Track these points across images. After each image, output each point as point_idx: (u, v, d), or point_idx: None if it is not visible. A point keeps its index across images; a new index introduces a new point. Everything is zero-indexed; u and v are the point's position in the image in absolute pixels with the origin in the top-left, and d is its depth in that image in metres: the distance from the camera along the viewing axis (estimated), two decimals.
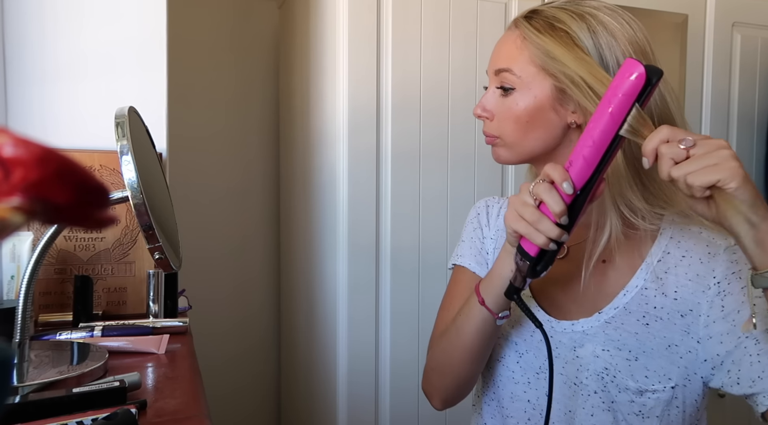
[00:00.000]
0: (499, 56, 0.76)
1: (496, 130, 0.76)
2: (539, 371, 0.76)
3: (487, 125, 0.77)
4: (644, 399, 0.69)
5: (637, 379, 0.69)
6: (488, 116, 0.77)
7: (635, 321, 0.71)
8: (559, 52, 0.69)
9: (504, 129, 0.75)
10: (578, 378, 0.73)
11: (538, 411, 0.76)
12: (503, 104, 0.74)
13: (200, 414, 0.63)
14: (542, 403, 0.76)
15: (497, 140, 0.76)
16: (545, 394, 0.75)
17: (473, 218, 0.90)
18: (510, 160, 0.77)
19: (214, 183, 1.97)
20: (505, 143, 0.76)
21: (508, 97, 0.74)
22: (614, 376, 0.70)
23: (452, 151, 1.52)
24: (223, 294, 1.99)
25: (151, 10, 1.18)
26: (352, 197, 1.44)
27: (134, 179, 0.67)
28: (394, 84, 1.45)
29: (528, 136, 0.73)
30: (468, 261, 0.86)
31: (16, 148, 0.24)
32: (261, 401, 2.08)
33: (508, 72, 0.73)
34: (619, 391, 0.70)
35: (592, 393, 0.72)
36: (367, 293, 1.46)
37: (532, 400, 0.77)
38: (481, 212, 0.89)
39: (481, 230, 0.87)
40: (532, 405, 0.77)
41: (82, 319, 0.95)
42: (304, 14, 1.67)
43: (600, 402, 0.71)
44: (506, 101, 0.74)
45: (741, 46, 1.82)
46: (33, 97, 1.12)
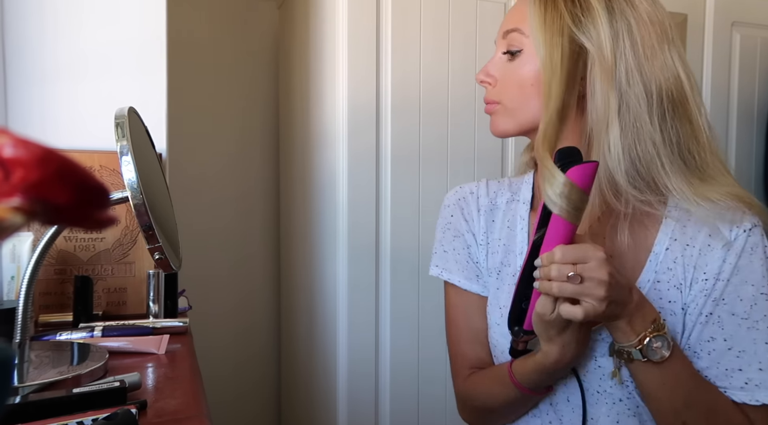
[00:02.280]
0: (509, 18, 0.74)
1: (497, 95, 0.74)
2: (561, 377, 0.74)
3: (489, 91, 0.76)
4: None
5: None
6: (491, 81, 0.75)
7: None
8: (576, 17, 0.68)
9: (506, 94, 0.73)
10: (601, 387, 0.71)
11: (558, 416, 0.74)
12: (508, 68, 0.73)
13: (200, 414, 0.63)
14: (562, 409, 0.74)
15: (497, 106, 0.74)
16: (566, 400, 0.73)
17: (448, 224, 0.84)
18: (508, 129, 0.75)
19: (213, 183, 1.97)
20: (506, 109, 0.74)
21: (513, 61, 0.72)
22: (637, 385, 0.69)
23: (452, 151, 1.52)
24: (222, 294, 1.99)
25: (151, 10, 1.18)
26: (351, 198, 1.44)
27: (134, 180, 0.67)
28: (393, 84, 1.45)
29: (530, 102, 0.71)
30: (457, 278, 0.82)
31: (16, 148, 0.25)
32: (262, 404, 2.08)
33: (516, 32, 0.72)
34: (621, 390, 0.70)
35: (617, 401, 0.70)
36: (367, 295, 1.46)
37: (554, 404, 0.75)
38: (455, 215, 0.83)
39: (462, 236, 0.82)
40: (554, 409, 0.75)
41: (82, 319, 0.95)
42: (304, 14, 1.68)
43: (626, 409, 0.70)
44: (511, 65, 0.73)
45: (740, 45, 1.82)
46: (33, 98, 1.12)
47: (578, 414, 0.72)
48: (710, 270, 0.68)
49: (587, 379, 0.72)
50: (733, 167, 1.82)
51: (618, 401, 0.70)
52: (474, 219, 0.83)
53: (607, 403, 0.71)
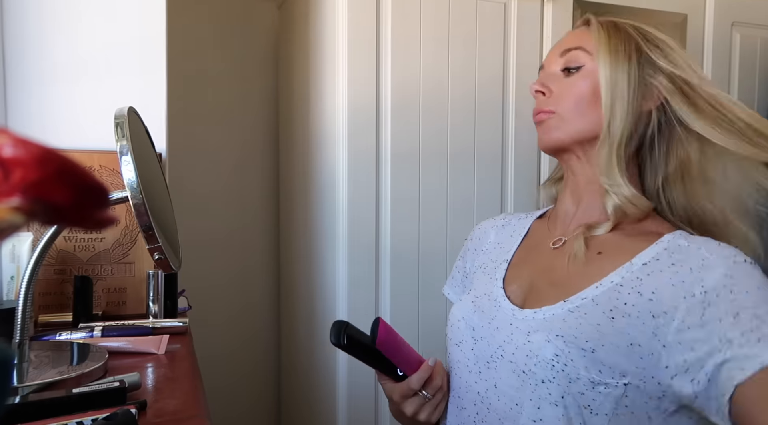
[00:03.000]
0: (570, 38, 0.78)
1: (552, 105, 0.76)
2: (490, 360, 0.73)
3: (542, 101, 0.77)
4: (594, 393, 0.65)
5: (590, 370, 0.65)
6: (545, 91, 0.77)
7: (600, 313, 0.67)
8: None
9: (561, 104, 0.76)
10: (527, 365, 0.68)
11: (485, 404, 0.73)
12: (565, 82, 0.76)
13: (200, 414, 0.63)
14: (490, 396, 0.73)
15: (552, 115, 0.76)
16: (494, 386, 0.72)
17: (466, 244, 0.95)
18: (559, 138, 0.76)
19: (213, 183, 1.97)
20: (560, 118, 0.76)
21: (570, 76, 0.75)
22: (565, 364, 0.66)
23: (452, 151, 1.52)
24: (223, 294, 1.99)
25: (151, 10, 1.18)
26: (351, 198, 1.44)
27: (134, 180, 0.67)
28: (393, 84, 1.45)
29: (585, 117, 0.74)
30: (447, 290, 0.95)
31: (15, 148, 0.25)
32: (262, 404, 2.08)
33: (579, 50, 0.75)
34: (569, 381, 0.65)
35: (540, 383, 0.67)
36: (366, 294, 1.46)
37: (481, 392, 0.74)
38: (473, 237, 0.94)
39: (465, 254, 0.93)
40: (481, 398, 0.74)
41: (81, 319, 0.95)
42: (304, 15, 1.68)
43: (547, 394, 0.67)
44: (568, 81, 0.75)
45: (740, 45, 1.82)
46: (33, 98, 1.12)
47: (503, 403, 0.71)
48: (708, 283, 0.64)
49: (515, 357, 0.70)
50: None
51: (541, 382, 0.67)
52: (484, 236, 0.92)
53: (531, 384, 0.68)
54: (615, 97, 0.73)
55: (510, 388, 0.71)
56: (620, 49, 0.74)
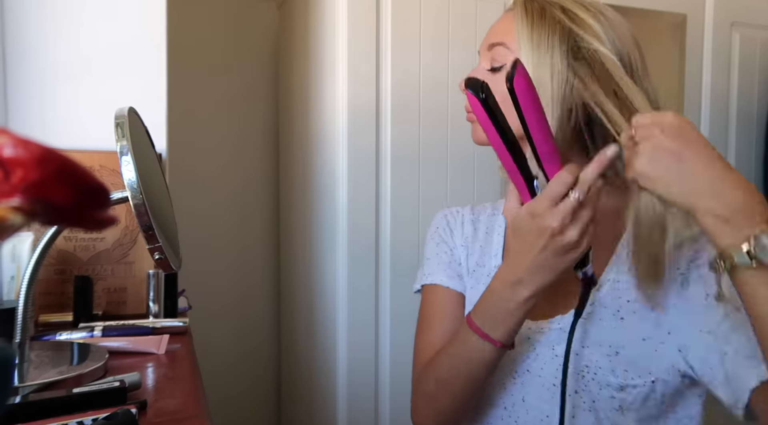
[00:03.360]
0: (494, 31, 0.75)
1: None
2: (516, 375, 0.73)
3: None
4: (624, 395, 0.67)
5: (617, 374, 0.67)
6: None
7: (611, 316, 0.69)
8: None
9: None
10: (557, 378, 0.69)
11: (513, 419, 0.73)
12: (492, 80, 0.72)
13: (200, 414, 0.63)
14: (517, 410, 0.73)
15: None
16: (522, 400, 0.72)
17: (432, 235, 0.86)
18: (485, 139, 0.72)
19: (213, 183, 1.97)
20: None
21: (496, 74, 0.72)
22: (595, 373, 0.68)
23: (452, 152, 1.52)
24: (222, 294, 1.99)
25: (151, 10, 1.18)
26: (351, 198, 1.44)
27: (134, 180, 0.67)
28: (393, 84, 1.45)
29: (510, 115, 0.71)
30: (439, 277, 0.82)
31: (16, 148, 0.25)
32: (262, 404, 2.08)
33: (501, 46, 0.72)
34: (600, 388, 0.68)
35: (573, 394, 0.69)
36: (366, 294, 1.46)
37: (508, 407, 0.74)
38: (440, 226, 0.86)
39: (445, 243, 0.84)
40: (508, 413, 0.74)
41: (82, 319, 0.95)
42: (304, 15, 1.68)
43: (581, 402, 0.69)
44: (494, 78, 0.72)
45: (740, 45, 1.82)
46: (33, 98, 1.12)
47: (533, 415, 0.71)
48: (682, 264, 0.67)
49: (544, 372, 0.71)
50: None
51: (573, 393, 0.69)
52: (458, 228, 0.85)
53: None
54: (540, 97, 0.67)
55: (540, 401, 0.71)
56: (543, 40, 0.68)
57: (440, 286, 0.82)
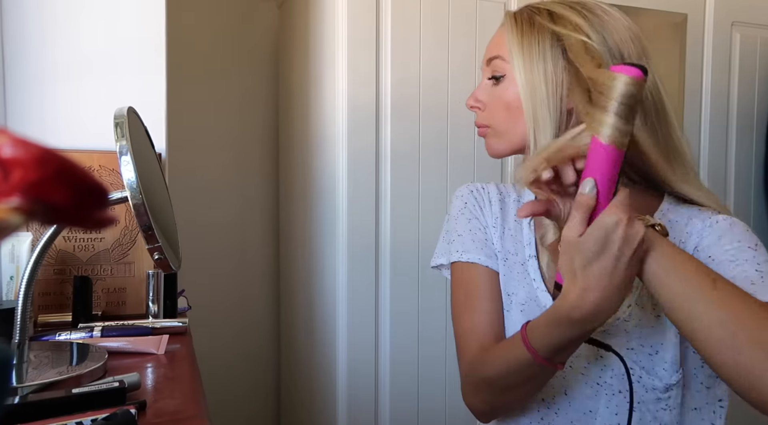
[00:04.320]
0: (491, 45, 0.77)
1: (486, 119, 0.77)
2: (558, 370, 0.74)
3: (479, 115, 0.78)
4: (669, 394, 0.69)
5: (661, 376, 0.69)
6: (480, 106, 0.78)
7: (649, 315, 0.71)
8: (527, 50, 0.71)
9: (494, 118, 0.76)
10: (602, 378, 0.71)
11: (553, 410, 0.74)
12: (493, 93, 0.76)
13: (200, 414, 0.63)
14: (558, 402, 0.74)
15: (488, 129, 0.77)
16: (564, 393, 0.74)
17: (462, 209, 0.84)
18: (502, 150, 0.77)
19: (213, 183, 1.97)
20: (496, 132, 0.76)
21: (498, 85, 0.75)
22: (640, 376, 0.69)
23: (452, 151, 1.52)
24: (222, 294, 1.99)
25: (151, 10, 1.18)
26: (351, 197, 1.43)
27: (133, 180, 0.67)
28: (393, 84, 1.45)
29: (518, 123, 0.73)
30: (477, 256, 0.79)
31: (15, 148, 0.24)
32: (261, 405, 2.08)
33: (498, 58, 0.75)
34: (645, 391, 0.70)
35: (617, 393, 0.71)
36: (366, 294, 1.46)
37: (547, 399, 0.75)
38: (469, 201, 0.84)
39: (477, 219, 0.82)
40: (547, 404, 0.75)
41: (81, 320, 0.95)
42: (304, 14, 1.67)
43: (625, 402, 0.70)
44: (496, 90, 0.75)
45: (740, 45, 1.82)
46: (32, 98, 1.12)
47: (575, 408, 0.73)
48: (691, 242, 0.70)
49: (587, 371, 0.72)
50: (733, 168, 1.83)
51: (617, 392, 0.71)
52: (486, 206, 0.83)
53: (606, 394, 0.71)
54: (536, 105, 0.70)
55: (583, 396, 0.73)
56: (534, 48, 0.70)
57: (479, 265, 0.79)
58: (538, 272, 0.77)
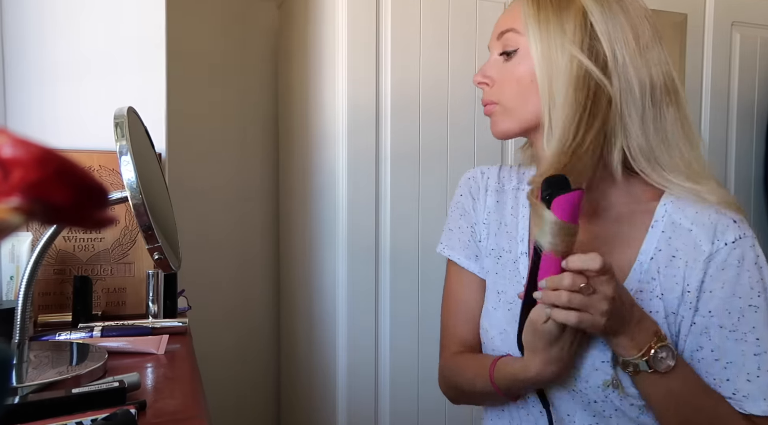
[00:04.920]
0: (503, 20, 0.74)
1: (494, 95, 0.74)
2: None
3: (486, 92, 0.75)
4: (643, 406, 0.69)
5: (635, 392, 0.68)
6: (488, 81, 0.74)
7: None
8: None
9: (504, 93, 0.73)
10: (577, 387, 0.71)
11: (537, 409, 0.75)
12: (504, 68, 0.72)
13: (199, 414, 0.63)
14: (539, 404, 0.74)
15: (496, 106, 0.74)
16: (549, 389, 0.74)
17: (457, 202, 0.86)
18: (509, 128, 0.74)
19: (213, 183, 1.97)
20: (505, 109, 0.73)
21: (509, 61, 0.72)
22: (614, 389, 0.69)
23: (451, 151, 1.52)
24: (222, 294, 1.99)
25: (150, 10, 1.18)
26: (351, 198, 1.43)
27: (133, 180, 0.67)
28: (393, 84, 1.45)
29: (529, 100, 0.70)
30: (457, 256, 0.83)
31: (15, 148, 0.24)
32: (261, 405, 2.07)
33: (512, 31, 0.71)
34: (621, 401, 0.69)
35: (592, 402, 0.70)
36: (366, 295, 1.46)
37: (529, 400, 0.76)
38: (464, 193, 0.85)
39: (467, 215, 0.84)
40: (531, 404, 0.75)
41: (81, 320, 0.95)
42: (304, 14, 1.67)
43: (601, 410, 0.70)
44: (508, 65, 0.72)
45: (740, 45, 1.82)
46: (32, 98, 1.12)
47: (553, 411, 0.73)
48: (693, 283, 0.68)
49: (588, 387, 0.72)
50: (733, 168, 1.83)
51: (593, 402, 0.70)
52: (480, 198, 0.84)
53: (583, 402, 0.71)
54: (552, 79, 0.67)
55: (559, 401, 0.73)
56: (551, 21, 0.68)
57: (460, 266, 0.84)
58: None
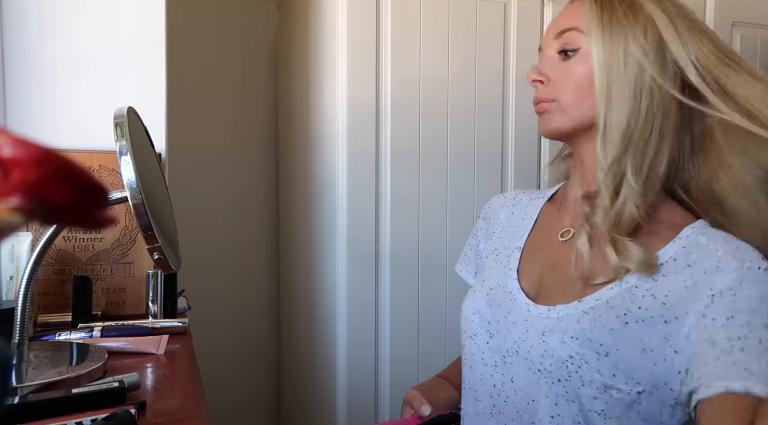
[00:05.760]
0: (563, 19, 0.73)
1: (551, 93, 0.72)
2: (506, 354, 0.73)
3: (540, 89, 0.74)
4: (607, 396, 0.65)
5: (603, 374, 0.64)
6: (543, 79, 0.73)
7: (614, 317, 0.66)
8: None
9: (562, 91, 0.71)
10: (542, 365, 0.68)
11: (502, 398, 0.73)
12: (562, 67, 0.71)
13: (199, 414, 0.63)
14: (506, 390, 0.73)
15: (551, 104, 0.72)
16: (510, 380, 0.73)
17: (479, 219, 0.93)
18: (561, 126, 0.72)
19: (213, 183, 1.97)
20: (561, 107, 0.72)
21: (569, 59, 0.71)
22: (579, 366, 0.65)
23: (452, 151, 1.52)
24: (222, 294, 1.99)
25: (150, 9, 1.18)
26: (351, 197, 1.43)
27: (133, 180, 0.67)
28: (393, 83, 1.45)
29: (587, 101, 0.69)
30: (459, 268, 0.94)
31: (15, 148, 0.24)
32: (261, 404, 2.08)
33: (574, 30, 0.70)
34: (582, 383, 0.65)
35: (556, 381, 0.67)
36: (366, 294, 1.46)
37: (497, 385, 0.74)
38: (483, 215, 0.92)
39: (475, 235, 0.92)
40: (497, 391, 0.74)
41: (81, 320, 0.95)
42: (304, 14, 1.67)
43: (564, 392, 0.67)
44: (567, 64, 0.71)
45: (740, 45, 1.82)
46: (32, 98, 1.12)
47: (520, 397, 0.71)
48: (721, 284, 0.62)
49: (530, 356, 0.70)
50: None
51: (557, 381, 0.67)
52: (494, 216, 0.89)
53: (546, 382, 0.68)
54: (611, 83, 0.67)
55: (526, 384, 0.71)
56: (615, 24, 0.67)
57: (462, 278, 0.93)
58: (517, 262, 0.79)
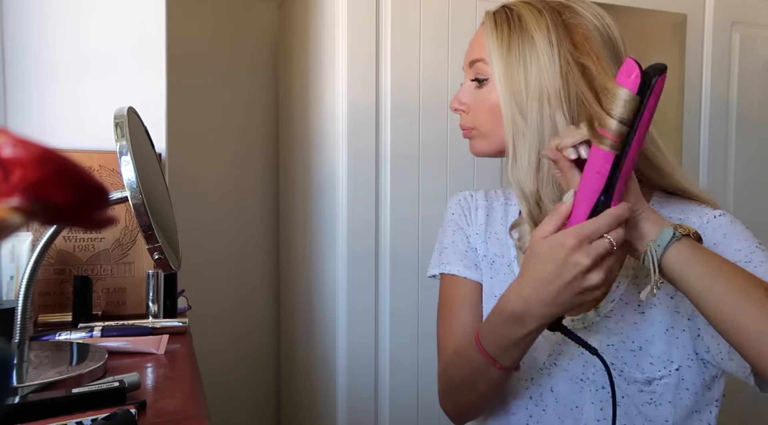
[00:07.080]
0: (472, 48, 0.77)
1: (471, 121, 0.78)
2: (543, 367, 0.76)
3: (463, 118, 0.79)
4: (653, 387, 0.69)
5: (643, 369, 0.69)
6: (464, 108, 0.78)
7: (633, 312, 0.71)
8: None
9: (479, 119, 0.76)
10: (584, 374, 0.72)
11: (540, 407, 0.76)
12: (478, 96, 0.76)
13: (200, 414, 0.63)
14: (546, 399, 0.75)
15: (473, 131, 0.78)
16: (550, 390, 0.75)
17: (449, 221, 0.87)
18: (487, 150, 0.77)
19: (213, 183, 1.97)
20: (481, 133, 0.77)
21: (482, 88, 0.75)
22: (621, 370, 0.70)
23: (451, 151, 1.51)
24: (222, 294, 1.99)
25: (150, 9, 1.18)
26: (351, 198, 1.43)
27: (133, 180, 0.67)
28: (393, 84, 1.45)
29: (502, 127, 0.72)
30: (456, 268, 0.83)
31: (15, 148, 0.24)
32: (261, 405, 2.08)
33: (480, 62, 0.75)
34: (627, 384, 0.70)
35: (600, 389, 0.72)
36: (366, 294, 1.46)
37: (534, 397, 0.76)
38: (456, 212, 0.87)
39: (461, 229, 0.86)
40: (534, 402, 0.76)
41: (81, 319, 0.95)
42: (304, 14, 1.67)
43: (608, 397, 0.70)
44: (480, 93, 0.75)
45: (740, 45, 1.82)
46: (32, 98, 1.12)
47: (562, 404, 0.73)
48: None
49: (570, 367, 0.73)
50: (732, 168, 1.83)
51: (601, 388, 0.71)
52: (472, 214, 0.87)
53: (591, 390, 0.72)
54: (514, 112, 0.69)
55: (569, 392, 0.74)
56: (514, 51, 0.70)
57: (458, 277, 0.83)
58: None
